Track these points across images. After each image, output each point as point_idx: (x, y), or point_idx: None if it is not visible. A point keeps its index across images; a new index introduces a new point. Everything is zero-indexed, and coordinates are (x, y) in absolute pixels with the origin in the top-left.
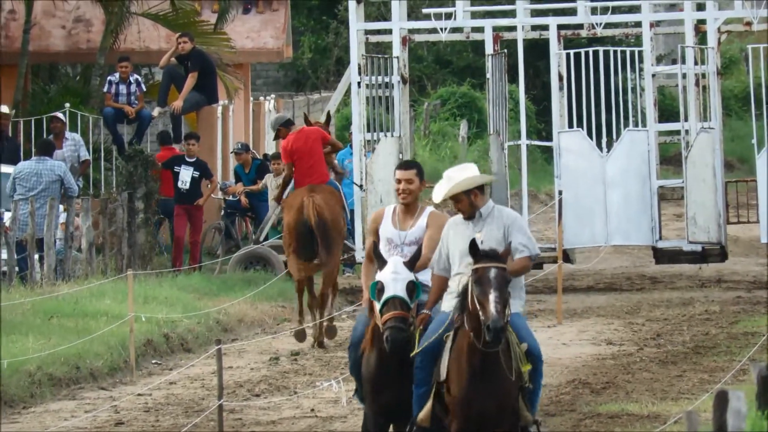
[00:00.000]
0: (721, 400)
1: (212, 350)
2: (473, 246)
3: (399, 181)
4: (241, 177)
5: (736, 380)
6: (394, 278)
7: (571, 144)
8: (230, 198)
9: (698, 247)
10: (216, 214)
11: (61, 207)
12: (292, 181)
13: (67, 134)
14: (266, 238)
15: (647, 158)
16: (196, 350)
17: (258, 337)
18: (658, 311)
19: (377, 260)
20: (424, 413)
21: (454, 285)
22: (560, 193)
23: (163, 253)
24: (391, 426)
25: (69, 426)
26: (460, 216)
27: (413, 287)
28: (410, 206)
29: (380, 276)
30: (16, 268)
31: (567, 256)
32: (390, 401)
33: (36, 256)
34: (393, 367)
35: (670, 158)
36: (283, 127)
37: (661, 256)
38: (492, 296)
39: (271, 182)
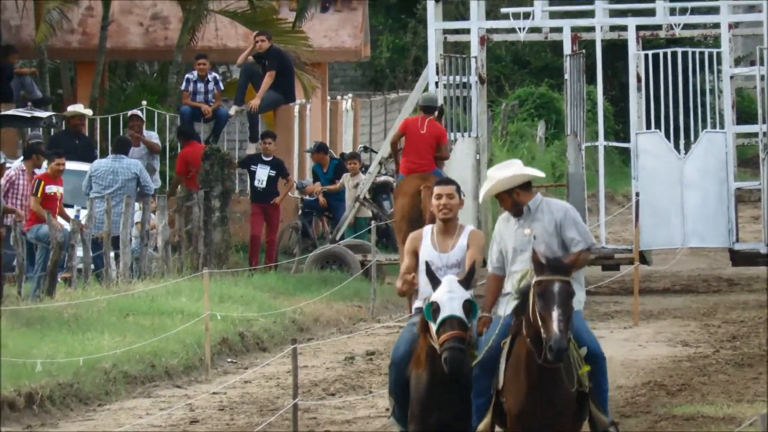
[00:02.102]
0: None
1: (288, 349)
2: (535, 255)
3: (439, 197)
4: (319, 176)
5: None
6: (450, 297)
7: (648, 145)
8: (308, 197)
9: None
10: (293, 213)
11: (137, 205)
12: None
13: (145, 132)
14: (342, 238)
15: (725, 160)
16: (272, 349)
17: (333, 337)
18: (734, 313)
19: (431, 280)
20: (484, 425)
21: (509, 286)
22: (637, 194)
23: (239, 252)
24: None
25: (144, 423)
26: (508, 213)
27: (470, 306)
28: (449, 225)
29: (435, 296)
30: (92, 266)
31: (643, 258)
32: (439, 422)
33: (111, 254)
34: (445, 387)
35: (748, 160)
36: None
37: (738, 258)
38: (555, 313)
39: (348, 182)
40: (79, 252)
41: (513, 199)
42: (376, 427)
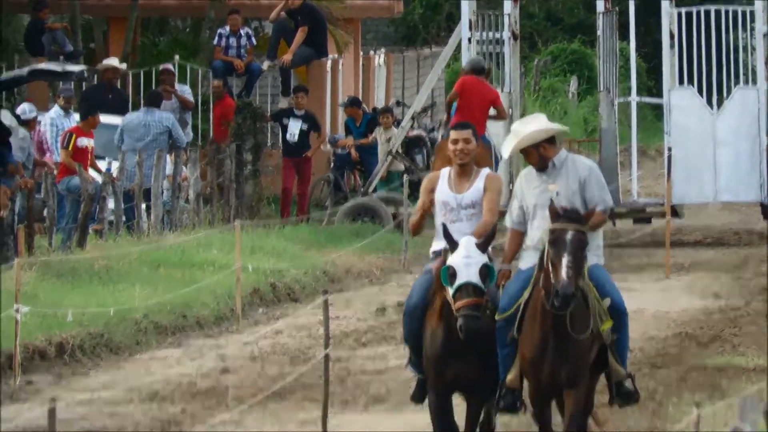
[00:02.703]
0: None
1: (319, 300)
2: (552, 205)
3: (456, 141)
4: (351, 130)
5: None
6: (466, 263)
7: (681, 101)
8: (340, 151)
9: None
10: (325, 166)
11: (169, 158)
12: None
13: (177, 86)
14: (375, 191)
15: (757, 116)
16: (303, 300)
17: (365, 288)
18: (765, 266)
19: (448, 242)
20: (512, 375)
21: (530, 240)
22: (670, 149)
23: (270, 205)
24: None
25: (174, 373)
26: (531, 168)
27: (487, 271)
28: (466, 168)
29: (452, 260)
30: (124, 218)
31: (675, 212)
32: (457, 376)
33: (143, 207)
34: (461, 343)
35: None
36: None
37: None
38: (565, 260)
39: (380, 136)
40: (111, 204)
41: (539, 154)
42: (408, 376)
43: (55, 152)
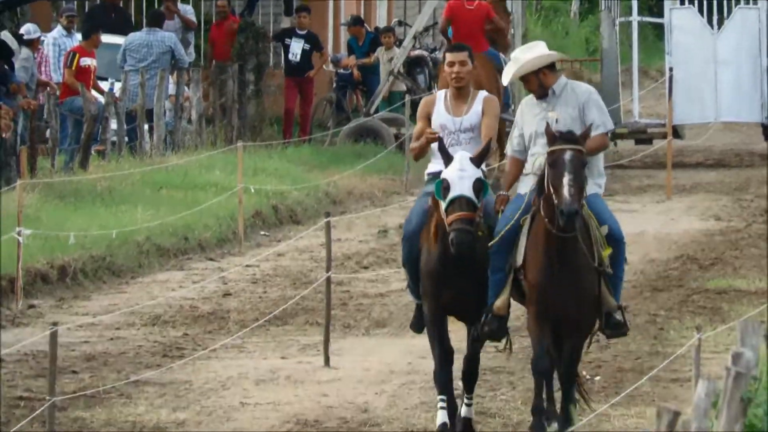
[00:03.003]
0: None
1: (321, 222)
2: (548, 128)
3: (452, 64)
4: (354, 50)
5: None
6: (460, 176)
7: (682, 21)
8: (342, 71)
9: None
10: (327, 86)
11: (171, 78)
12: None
13: (180, 5)
14: (377, 111)
15: (758, 36)
16: (305, 222)
17: (367, 210)
18: (766, 188)
19: (443, 155)
20: (501, 301)
21: (530, 166)
22: (671, 69)
23: (273, 125)
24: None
25: (176, 296)
26: (531, 96)
27: (480, 185)
28: (463, 91)
29: (446, 173)
30: (126, 139)
31: (676, 132)
32: (453, 298)
33: (146, 127)
34: (456, 264)
35: None
36: None
37: None
38: (566, 179)
39: (382, 56)
40: (113, 125)
41: (539, 80)
42: (409, 300)
43: (57, 72)
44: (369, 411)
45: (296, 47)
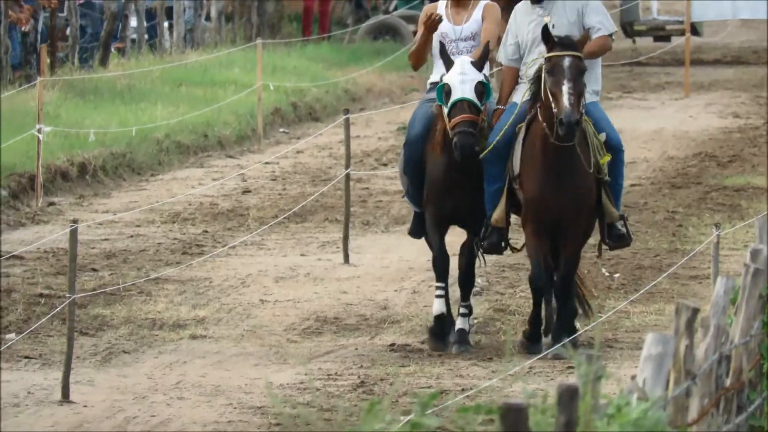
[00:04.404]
0: None
1: (340, 119)
2: (546, 32)
3: None
4: None
5: None
6: (462, 80)
7: None
8: None
9: None
10: None
11: None
12: None
13: None
14: (396, 8)
15: None
16: (324, 119)
17: (386, 107)
18: None
19: (444, 60)
20: (498, 213)
21: (526, 76)
22: None
23: (292, 23)
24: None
25: (196, 193)
26: (526, 3)
27: (483, 88)
28: (463, 1)
29: (447, 78)
30: (146, 36)
31: (695, 29)
32: (455, 207)
33: (165, 25)
34: (461, 172)
35: None
36: None
37: None
38: (566, 87)
39: None
40: (133, 22)
41: None
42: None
43: None
44: (388, 308)
45: None
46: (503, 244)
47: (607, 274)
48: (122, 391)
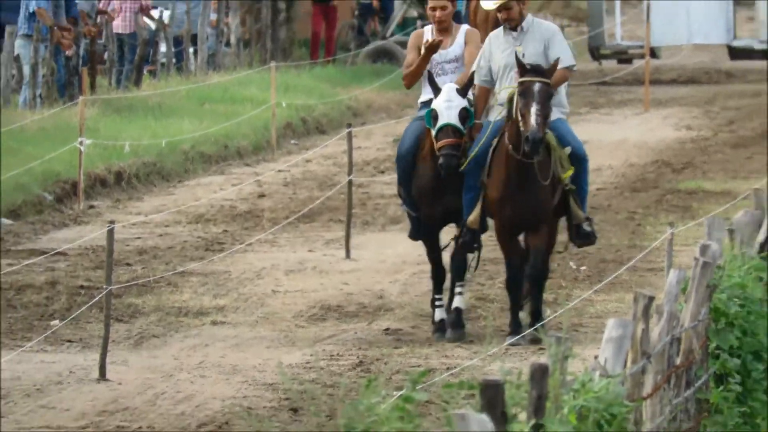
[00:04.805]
0: None
1: (343, 132)
2: (518, 59)
3: (433, 9)
4: None
5: None
6: (447, 106)
7: None
8: (364, 0)
9: (767, 46)
10: (350, 13)
11: (213, 6)
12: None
13: None
14: (392, 35)
15: None
16: (330, 132)
17: (383, 122)
18: (731, 101)
19: (432, 87)
20: (473, 216)
21: (500, 98)
22: None
23: (302, 47)
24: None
25: (218, 197)
26: (500, 30)
27: (466, 114)
28: (447, 27)
29: (435, 104)
30: (174, 60)
31: (654, 53)
32: (444, 210)
33: (191, 50)
34: (446, 180)
35: None
36: None
37: (736, 53)
38: (534, 109)
39: None
40: (163, 48)
41: (520, 9)
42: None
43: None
44: (384, 297)
45: None
46: (476, 242)
47: (574, 266)
48: (152, 370)
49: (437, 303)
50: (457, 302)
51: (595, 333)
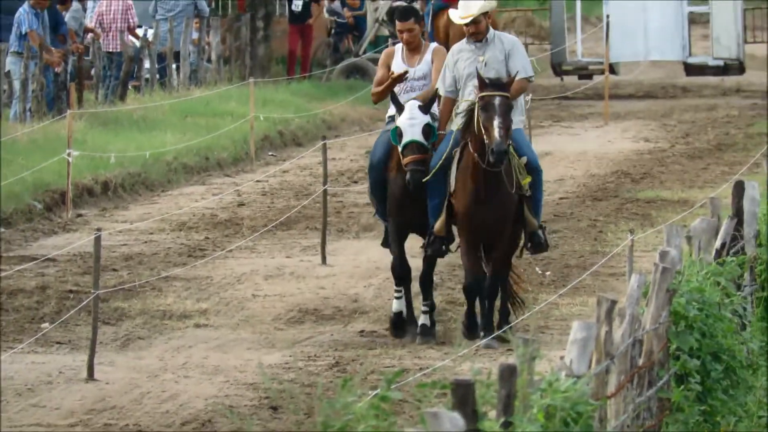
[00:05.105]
0: (739, 189)
1: (319, 144)
2: (479, 75)
3: (401, 32)
4: (344, 2)
5: (752, 172)
6: (411, 123)
7: None
8: (338, 19)
9: (721, 62)
10: (325, 32)
11: (195, 25)
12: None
13: None
14: (365, 52)
15: None
16: (306, 144)
17: (356, 134)
18: (687, 115)
19: (395, 105)
20: (439, 224)
21: (463, 107)
22: (608, 16)
23: (279, 64)
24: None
25: (199, 206)
26: (462, 43)
27: (429, 129)
28: (415, 46)
29: (399, 122)
30: (157, 76)
31: (613, 69)
32: (413, 218)
33: (173, 66)
34: (416, 191)
35: None
36: None
37: (691, 69)
38: (496, 122)
39: (369, 6)
40: (147, 64)
41: (486, 23)
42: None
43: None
44: (359, 301)
45: None
46: (444, 249)
47: (540, 272)
48: (138, 370)
49: (396, 294)
50: (423, 320)
51: (560, 335)
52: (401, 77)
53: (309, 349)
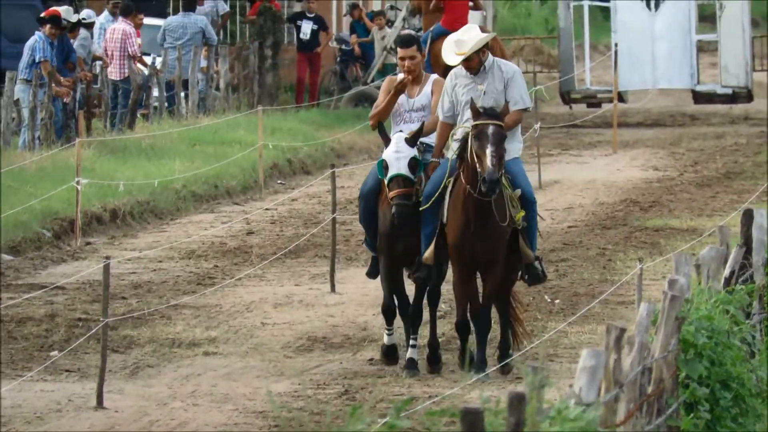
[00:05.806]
0: (748, 217)
1: (327, 173)
2: (473, 104)
3: (402, 59)
4: (356, 30)
5: (760, 200)
6: (397, 157)
7: (625, 4)
8: (345, 47)
9: (729, 90)
10: (332, 60)
11: (203, 54)
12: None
13: None
14: (373, 80)
15: (689, 16)
16: (314, 172)
17: (365, 162)
18: (695, 143)
19: (382, 138)
20: (429, 252)
21: (459, 134)
22: (616, 44)
23: (287, 92)
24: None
25: (208, 234)
26: (462, 68)
27: (415, 163)
28: (416, 76)
29: (385, 155)
30: (166, 104)
31: (621, 97)
32: (403, 251)
33: (182, 94)
34: (405, 223)
35: (707, 16)
36: None
37: (699, 97)
38: (489, 150)
39: (376, 34)
40: (155, 92)
41: (480, 58)
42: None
43: (99, 47)
44: (368, 329)
45: (306, 28)
46: (431, 276)
47: (549, 300)
48: (147, 398)
49: (387, 332)
50: (410, 353)
51: (569, 363)
52: (403, 86)
53: (318, 377)
